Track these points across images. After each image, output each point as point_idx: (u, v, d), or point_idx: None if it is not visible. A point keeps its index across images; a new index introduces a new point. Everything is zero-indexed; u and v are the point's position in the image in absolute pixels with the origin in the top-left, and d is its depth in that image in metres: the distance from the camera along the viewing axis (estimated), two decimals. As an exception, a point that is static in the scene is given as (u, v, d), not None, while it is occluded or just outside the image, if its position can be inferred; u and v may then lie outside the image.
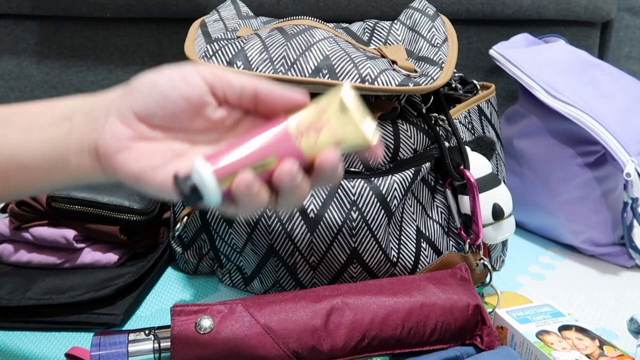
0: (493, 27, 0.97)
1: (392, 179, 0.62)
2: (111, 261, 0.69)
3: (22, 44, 0.93)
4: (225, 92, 0.39)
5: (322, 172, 0.38)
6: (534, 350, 0.55)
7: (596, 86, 0.80)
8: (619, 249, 0.79)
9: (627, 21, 1.06)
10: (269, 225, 0.62)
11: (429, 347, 0.56)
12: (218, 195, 0.37)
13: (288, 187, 0.37)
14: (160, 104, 0.38)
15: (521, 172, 0.84)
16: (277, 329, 0.52)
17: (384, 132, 0.62)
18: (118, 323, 0.63)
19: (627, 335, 0.64)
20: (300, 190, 0.38)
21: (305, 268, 0.63)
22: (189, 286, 0.72)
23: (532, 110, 0.82)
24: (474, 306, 0.56)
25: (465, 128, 0.71)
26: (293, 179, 0.37)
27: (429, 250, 0.65)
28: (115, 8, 0.89)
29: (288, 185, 0.37)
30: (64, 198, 0.67)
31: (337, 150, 0.38)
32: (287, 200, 0.39)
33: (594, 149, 0.76)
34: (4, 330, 0.63)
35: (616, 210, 0.78)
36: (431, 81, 0.60)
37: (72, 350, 0.57)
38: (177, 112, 0.39)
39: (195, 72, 0.38)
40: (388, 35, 0.69)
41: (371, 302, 0.55)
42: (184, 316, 0.52)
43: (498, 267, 0.77)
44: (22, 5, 0.89)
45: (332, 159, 0.37)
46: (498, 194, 0.64)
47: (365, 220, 0.61)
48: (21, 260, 0.69)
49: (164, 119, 0.39)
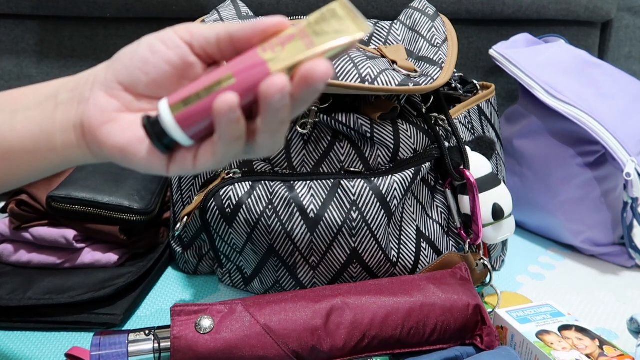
0: (493, 27, 0.97)
1: (392, 179, 0.62)
2: (111, 261, 0.69)
3: (22, 44, 0.93)
4: (203, 47, 0.37)
5: (304, 84, 0.33)
6: (534, 350, 0.55)
7: (596, 86, 0.80)
8: (619, 249, 0.79)
9: (627, 21, 1.06)
10: (269, 225, 0.62)
11: (429, 347, 0.56)
12: (172, 121, 0.35)
13: (271, 106, 0.33)
14: (143, 70, 0.37)
15: (521, 172, 0.84)
16: (277, 329, 0.52)
17: (384, 132, 0.62)
18: (118, 323, 0.63)
19: (627, 335, 0.64)
20: (284, 112, 0.34)
21: (305, 268, 0.63)
22: (189, 286, 0.72)
23: (532, 110, 0.82)
24: (474, 306, 0.56)
25: (465, 128, 0.71)
26: (279, 92, 0.33)
27: (429, 250, 0.65)
28: (115, 8, 0.89)
29: (273, 100, 0.33)
30: (64, 198, 0.67)
31: (315, 57, 0.34)
32: (267, 127, 0.35)
33: (594, 149, 0.76)
34: (4, 330, 0.63)
35: (616, 210, 0.78)
36: (431, 81, 0.60)
37: (72, 350, 0.57)
38: (161, 78, 0.38)
39: (173, 34, 0.38)
40: (388, 35, 0.69)
41: (371, 302, 0.55)
42: (184, 316, 0.52)
43: (498, 267, 0.77)
44: (22, 5, 0.89)
45: (318, 71, 0.33)
46: (498, 194, 0.64)
47: (365, 220, 0.61)
48: (21, 260, 0.69)
49: (149, 86, 0.38)
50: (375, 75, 0.58)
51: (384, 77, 0.58)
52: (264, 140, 0.36)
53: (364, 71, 0.58)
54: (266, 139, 0.36)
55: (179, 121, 0.36)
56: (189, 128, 0.36)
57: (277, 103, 0.33)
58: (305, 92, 0.34)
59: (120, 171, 0.74)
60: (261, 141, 0.36)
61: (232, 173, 0.64)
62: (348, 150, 0.63)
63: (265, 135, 0.36)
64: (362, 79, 0.58)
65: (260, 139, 0.36)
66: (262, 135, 0.36)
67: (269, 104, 0.34)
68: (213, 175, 0.67)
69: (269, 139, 0.36)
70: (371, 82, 0.58)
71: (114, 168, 0.75)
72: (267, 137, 0.36)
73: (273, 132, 0.35)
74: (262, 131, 0.35)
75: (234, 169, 0.64)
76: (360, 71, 0.58)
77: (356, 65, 0.59)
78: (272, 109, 0.34)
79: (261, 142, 0.36)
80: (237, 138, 0.35)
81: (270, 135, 0.36)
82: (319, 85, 0.33)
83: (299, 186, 0.62)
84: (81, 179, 0.71)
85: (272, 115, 0.34)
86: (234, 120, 0.34)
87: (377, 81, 0.58)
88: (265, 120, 0.35)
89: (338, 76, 0.58)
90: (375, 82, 0.58)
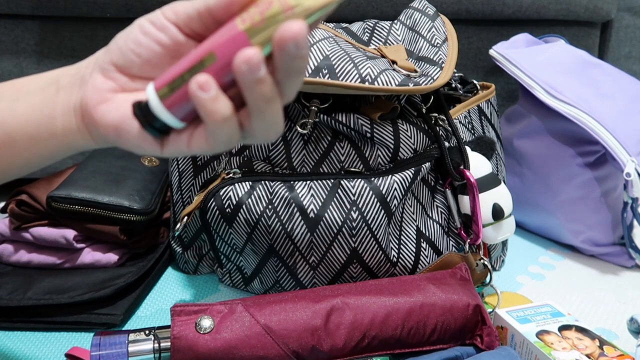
0: (493, 27, 0.97)
1: (392, 179, 0.62)
2: (111, 261, 0.69)
3: (22, 44, 0.93)
4: (188, 25, 0.37)
5: (279, 49, 0.32)
6: (534, 350, 0.55)
7: (596, 86, 0.80)
8: (619, 249, 0.79)
9: (627, 21, 1.06)
10: (269, 225, 0.62)
11: (429, 347, 0.56)
12: (161, 106, 0.35)
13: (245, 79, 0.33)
14: (136, 51, 0.38)
15: (521, 172, 0.84)
16: (277, 329, 0.52)
17: (384, 132, 0.62)
18: (118, 323, 0.63)
19: (627, 335, 0.64)
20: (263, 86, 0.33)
21: (305, 268, 0.63)
22: (189, 286, 0.72)
23: (532, 110, 0.82)
24: (474, 306, 0.56)
25: (465, 128, 0.71)
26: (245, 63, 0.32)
27: (429, 250, 0.65)
28: (115, 8, 0.89)
29: (243, 73, 0.32)
30: (64, 198, 0.67)
31: (294, 20, 0.32)
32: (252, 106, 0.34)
33: (594, 149, 0.76)
34: (4, 330, 0.63)
35: (616, 210, 0.78)
36: (431, 81, 0.60)
37: (72, 350, 0.57)
38: (154, 59, 0.38)
39: (160, 15, 0.38)
40: (388, 35, 0.69)
41: (371, 302, 0.55)
42: (184, 316, 0.52)
43: (498, 267, 0.77)
44: (22, 5, 0.89)
45: (287, 30, 0.31)
46: (498, 194, 0.64)
47: (365, 220, 0.61)
48: (21, 260, 0.69)
49: (143, 67, 0.38)
50: (375, 75, 0.58)
51: (384, 77, 0.58)
52: (256, 124, 0.35)
53: (364, 71, 0.58)
54: (257, 121, 0.35)
55: (167, 105, 0.36)
56: (177, 111, 0.36)
57: (249, 75, 0.33)
58: (281, 58, 0.33)
59: (120, 171, 0.74)
60: (254, 124, 0.36)
61: (232, 173, 0.64)
62: (348, 150, 0.63)
63: (255, 117, 0.35)
64: (362, 79, 0.58)
65: (253, 122, 0.35)
66: (252, 117, 0.35)
67: (242, 79, 0.33)
68: (213, 175, 0.67)
69: (259, 121, 0.35)
70: (371, 82, 0.58)
71: (114, 168, 0.75)
72: (257, 118, 0.35)
73: (260, 112, 0.35)
74: (250, 112, 0.35)
75: (234, 168, 0.64)
76: (360, 71, 0.58)
77: (356, 65, 0.59)
78: (247, 83, 0.33)
79: (255, 126, 0.36)
80: (223, 119, 0.34)
81: (259, 116, 0.35)
82: (291, 47, 0.32)
83: (299, 186, 0.62)
84: (81, 179, 0.71)
85: (250, 90, 0.34)
86: (210, 99, 0.34)
87: (377, 81, 0.58)
88: (248, 99, 0.34)
89: (338, 76, 0.58)
90: (375, 82, 0.58)
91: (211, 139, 0.36)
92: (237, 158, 0.66)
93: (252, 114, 0.35)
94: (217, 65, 0.34)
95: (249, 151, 0.65)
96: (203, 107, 0.34)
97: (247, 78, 0.33)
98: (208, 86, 0.33)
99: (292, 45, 0.32)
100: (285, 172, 0.64)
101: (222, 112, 0.34)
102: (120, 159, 0.78)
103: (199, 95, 0.34)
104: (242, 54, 0.32)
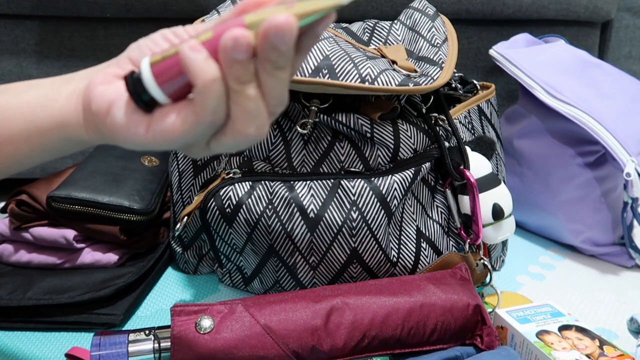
0: (493, 27, 0.97)
1: (392, 179, 0.62)
2: (111, 261, 0.69)
3: (22, 44, 0.93)
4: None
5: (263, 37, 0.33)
6: (534, 350, 0.55)
7: (596, 86, 0.80)
8: (619, 249, 0.79)
9: (627, 21, 1.06)
10: (269, 225, 0.62)
11: (429, 347, 0.56)
12: (149, 74, 0.36)
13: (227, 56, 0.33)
14: (152, 48, 0.40)
15: (521, 172, 0.84)
16: (277, 329, 0.52)
17: (384, 132, 0.62)
18: (118, 323, 0.63)
19: (627, 335, 0.64)
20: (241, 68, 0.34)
21: (305, 268, 0.63)
22: (189, 286, 0.72)
23: (532, 110, 0.82)
24: (474, 306, 0.56)
25: (465, 128, 0.71)
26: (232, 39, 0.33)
27: (429, 250, 0.65)
28: (115, 8, 0.89)
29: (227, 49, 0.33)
30: (64, 198, 0.67)
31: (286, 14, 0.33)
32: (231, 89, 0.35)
33: (594, 149, 0.76)
34: (4, 330, 0.63)
35: (616, 210, 0.78)
36: (431, 81, 0.60)
37: (72, 350, 0.57)
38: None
39: (182, 29, 0.40)
40: (388, 35, 0.69)
41: (371, 302, 0.55)
42: (184, 316, 0.52)
43: (498, 267, 0.77)
44: (22, 5, 0.89)
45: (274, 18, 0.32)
46: (498, 194, 0.64)
47: (365, 220, 0.61)
48: (21, 260, 0.69)
49: None
50: (375, 75, 0.58)
51: (384, 77, 0.58)
52: (234, 108, 0.35)
53: (364, 71, 0.58)
54: (234, 107, 0.35)
55: (155, 75, 0.36)
56: (165, 83, 0.36)
57: (231, 52, 0.33)
58: (265, 46, 0.33)
59: (120, 171, 0.74)
60: (233, 110, 0.36)
61: (232, 173, 0.64)
62: (348, 150, 0.63)
63: (232, 101, 0.35)
64: (362, 79, 0.58)
65: (231, 106, 0.36)
66: (230, 101, 0.35)
67: (225, 55, 0.34)
68: (213, 175, 0.67)
69: (235, 106, 0.35)
70: (371, 82, 0.58)
71: (114, 168, 0.75)
72: (233, 103, 0.35)
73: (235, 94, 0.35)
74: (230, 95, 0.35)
75: (234, 168, 0.64)
76: (360, 71, 0.58)
77: (356, 65, 0.59)
78: (227, 59, 0.34)
79: (233, 111, 0.36)
80: (212, 79, 0.34)
81: (235, 99, 0.35)
82: (274, 37, 0.32)
83: (299, 186, 0.62)
84: (81, 179, 0.71)
85: (228, 69, 0.34)
86: (200, 59, 0.34)
87: (377, 81, 0.58)
88: (229, 78, 0.34)
89: (338, 76, 0.58)
90: (375, 82, 0.58)
91: (199, 106, 0.35)
92: (237, 158, 0.66)
93: (230, 97, 0.35)
94: (212, 41, 0.35)
95: (249, 151, 0.65)
96: (193, 67, 0.34)
97: (229, 55, 0.33)
98: (199, 48, 0.34)
99: (273, 33, 0.32)
100: (285, 172, 0.64)
101: (211, 71, 0.34)
102: (120, 159, 0.78)
103: (190, 55, 0.34)
104: (232, 32, 0.33)
